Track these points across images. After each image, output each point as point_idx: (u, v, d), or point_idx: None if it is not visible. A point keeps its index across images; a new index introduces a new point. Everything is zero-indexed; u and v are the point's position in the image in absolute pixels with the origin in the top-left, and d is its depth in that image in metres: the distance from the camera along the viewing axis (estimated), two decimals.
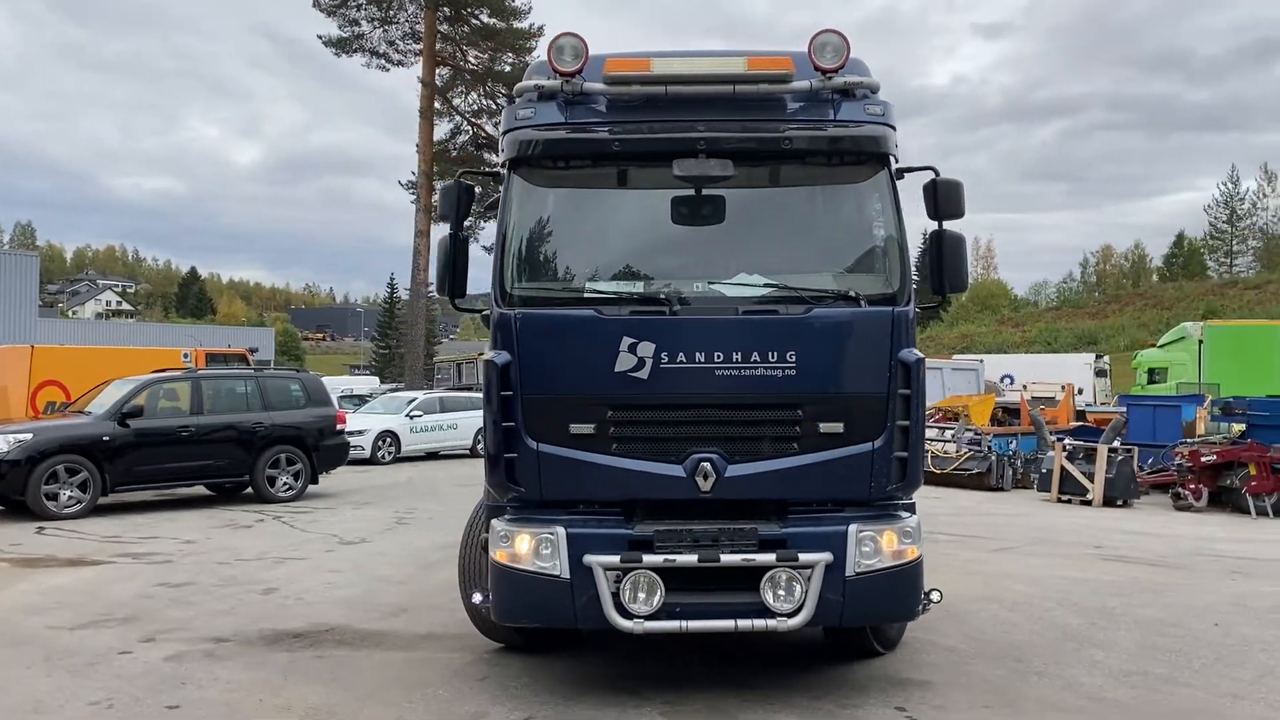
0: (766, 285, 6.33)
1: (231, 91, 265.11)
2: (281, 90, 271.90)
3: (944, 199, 6.49)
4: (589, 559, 6.03)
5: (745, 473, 6.12)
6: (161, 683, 6.78)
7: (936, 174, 6.55)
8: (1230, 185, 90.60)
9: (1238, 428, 18.95)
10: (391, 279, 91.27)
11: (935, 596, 6.44)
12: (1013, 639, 7.70)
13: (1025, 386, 32.37)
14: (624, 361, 6.12)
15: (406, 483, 20.14)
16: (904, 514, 6.35)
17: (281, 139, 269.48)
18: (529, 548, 6.17)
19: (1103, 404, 34.77)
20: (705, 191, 6.42)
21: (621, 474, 6.14)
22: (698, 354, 6.11)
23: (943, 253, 6.48)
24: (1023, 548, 12.43)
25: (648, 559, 5.99)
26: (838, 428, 6.13)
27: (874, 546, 6.15)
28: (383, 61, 33.51)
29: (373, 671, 7.03)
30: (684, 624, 6.01)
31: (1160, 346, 38.58)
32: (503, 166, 6.56)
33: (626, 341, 6.11)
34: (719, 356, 6.10)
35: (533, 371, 6.18)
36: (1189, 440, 18.51)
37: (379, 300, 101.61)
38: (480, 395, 6.61)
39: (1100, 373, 41.86)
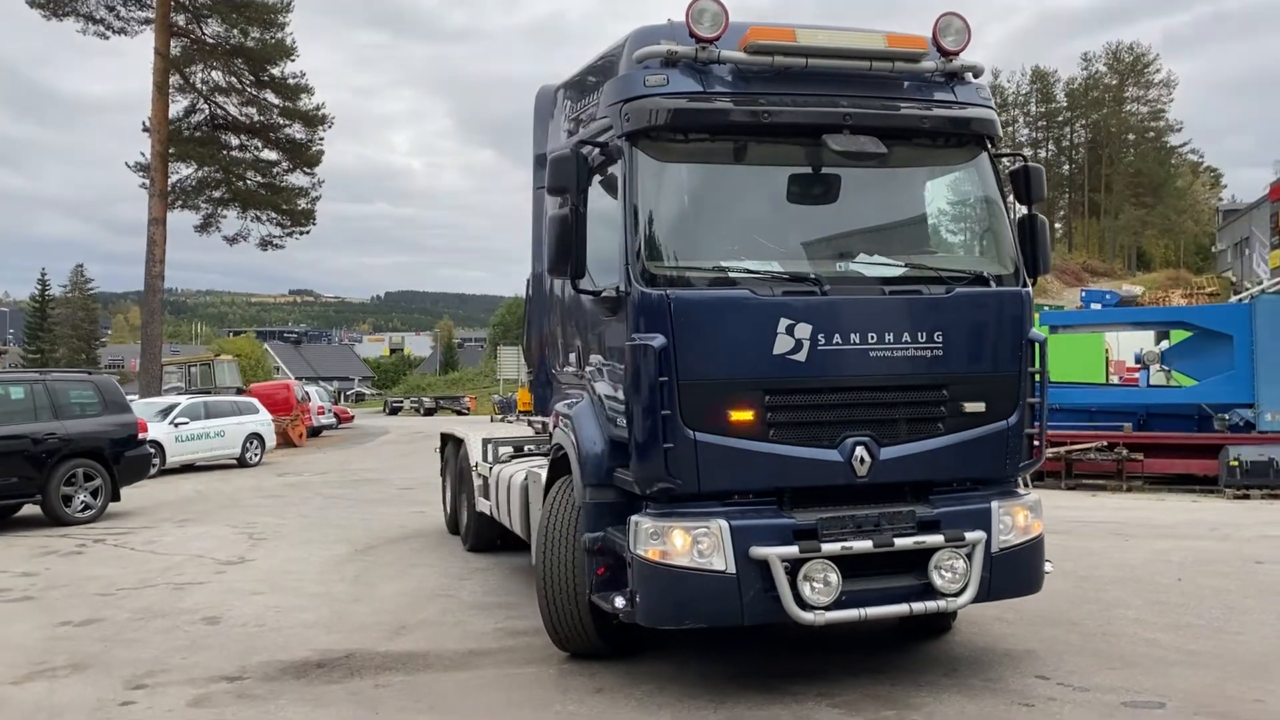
0: (905, 265, 6.31)
1: None
2: None
3: (1034, 184, 6.71)
4: (759, 551, 5.74)
5: (898, 455, 6.06)
6: None
7: (1025, 160, 6.77)
8: None
9: None
10: (43, 275, 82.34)
11: (1049, 568, 6.66)
12: (1041, 606, 8.09)
13: None
14: (782, 344, 5.88)
15: (200, 496, 18.18)
16: (1022, 491, 6.53)
17: None
18: (686, 543, 5.78)
19: None
20: (825, 170, 6.31)
21: (780, 461, 5.90)
22: (853, 335, 5.98)
23: (1035, 236, 6.69)
24: None
25: (826, 547, 5.78)
26: (980, 407, 6.21)
27: (1009, 523, 6.28)
28: (101, 28, 29.95)
29: (466, 695, 6.31)
30: (863, 611, 5.86)
31: None
32: (620, 136, 6.10)
33: (784, 323, 5.88)
34: (872, 337, 6.00)
35: (690, 355, 5.79)
36: None
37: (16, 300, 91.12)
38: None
39: None
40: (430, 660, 7.07)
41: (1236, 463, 17.22)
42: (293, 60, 31.65)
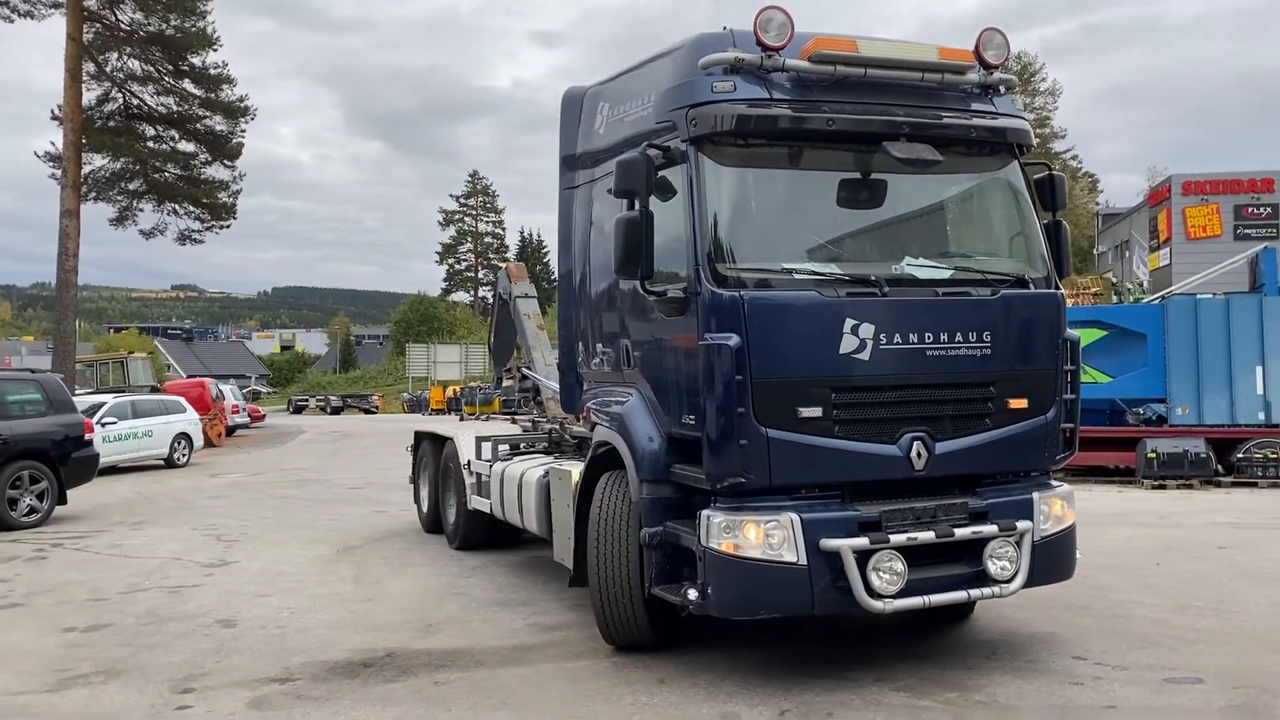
0: (953, 268, 6.61)
1: None
2: None
3: (1058, 191, 7.09)
4: (831, 543, 5.96)
5: (951, 449, 6.36)
6: None
7: (1050, 169, 7.14)
8: None
9: None
10: None
11: (1079, 556, 7.03)
12: (1046, 592, 8.49)
13: None
14: (847, 343, 6.12)
15: (141, 499, 17.64)
16: (1055, 483, 6.90)
17: None
18: (759, 536, 5.98)
19: None
20: (878, 176, 6.59)
21: (844, 456, 6.14)
22: (911, 335, 6.25)
23: (1060, 241, 7.06)
24: None
25: (894, 539, 6.04)
26: (1023, 403, 6.55)
27: (1048, 512, 6.65)
28: (5, 10, 28.59)
29: (532, 689, 6.39)
30: (926, 599, 6.13)
31: None
32: (686, 141, 6.27)
33: (849, 323, 6.12)
34: (929, 337, 6.29)
35: (763, 355, 5.99)
36: None
37: None
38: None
39: None
40: (478, 657, 7.12)
41: (1154, 455, 18.15)
42: (215, 50, 30.81)
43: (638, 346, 6.99)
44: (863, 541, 5.98)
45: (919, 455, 6.25)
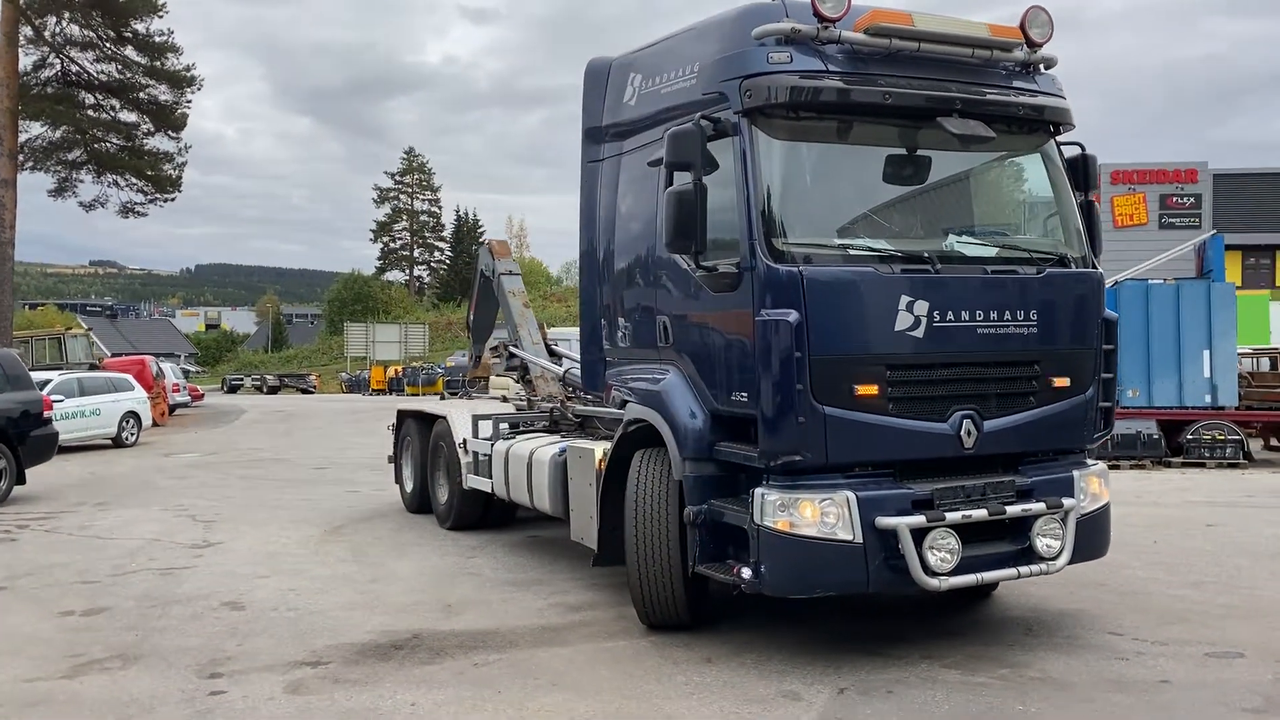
0: (999, 246, 6.60)
1: None
2: None
3: (1091, 171, 7.12)
4: (887, 521, 5.93)
5: (998, 428, 6.37)
6: (363, 715, 5.54)
7: (1083, 148, 7.17)
8: None
9: None
10: None
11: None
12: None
13: None
14: (903, 320, 6.09)
15: (96, 479, 17.05)
16: (1091, 461, 6.96)
17: None
18: (814, 514, 5.93)
19: None
20: (927, 151, 6.57)
21: (898, 434, 6.11)
22: (963, 313, 6.24)
23: (1092, 221, 7.10)
24: None
25: (949, 516, 6.03)
26: (1066, 381, 6.58)
27: (1087, 490, 6.70)
28: None
29: (578, 670, 6.28)
30: (980, 576, 6.14)
31: None
32: (739, 112, 6.16)
33: (905, 300, 6.08)
34: (979, 315, 6.28)
35: (821, 331, 5.92)
36: None
37: None
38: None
39: None
40: (510, 638, 6.97)
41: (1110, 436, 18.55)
42: (160, 16, 29.75)
43: (678, 322, 6.87)
44: (920, 520, 5.96)
45: (969, 433, 6.24)
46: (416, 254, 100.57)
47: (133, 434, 23.10)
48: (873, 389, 6.01)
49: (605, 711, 5.57)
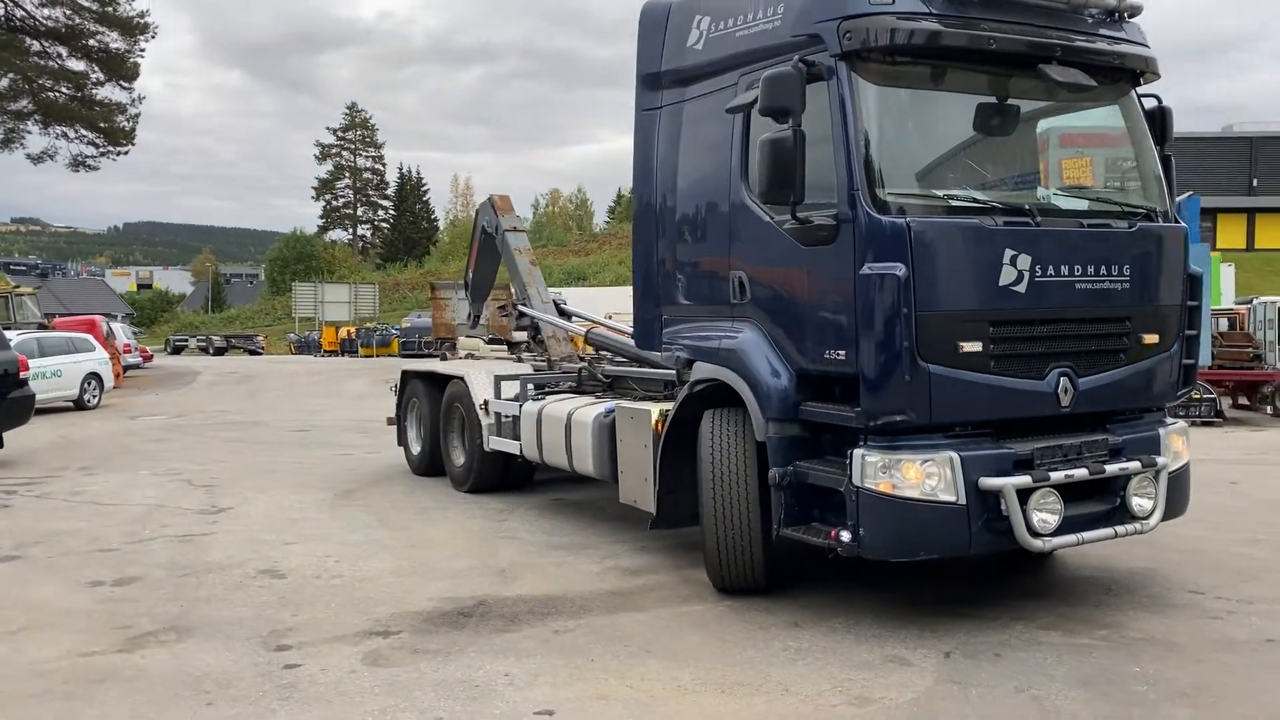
0: (1091, 199, 6.45)
1: None
2: None
3: (1168, 124, 6.98)
4: (993, 482, 5.78)
5: (1092, 385, 6.24)
6: (459, 688, 5.28)
7: (1160, 100, 7.02)
8: None
9: None
10: None
11: None
12: None
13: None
14: (1006, 275, 5.92)
15: (69, 443, 16.38)
16: (1171, 419, 6.88)
17: None
18: (917, 475, 5.76)
19: None
20: (1018, 100, 6.41)
21: (999, 392, 5.96)
22: (1062, 267, 6.09)
23: (1169, 175, 6.97)
24: None
25: (1053, 476, 5.89)
26: (1154, 338, 6.47)
27: (1171, 447, 6.61)
28: None
29: (667, 636, 6.07)
30: (1080, 536, 6.02)
31: None
32: (836, 55, 5.89)
33: (1008, 254, 5.90)
34: (1077, 270, 6.13)
35: (928, 286, 5.72)
36: None
37: None
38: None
39: None
40: (580, 603, 6.74)
41: None
42: None
43: (757, 278, 6.61)
44: (1025, 480, 5.81)
45: (1065, 391, 6.11)
46: (360, 212, 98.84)
47: (94, 396, 22.31)
48: (977, 346, 5.83)
49: (711, 680, 5.36)
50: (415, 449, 12.24)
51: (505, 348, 15.58)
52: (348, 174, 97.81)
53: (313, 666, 5.65)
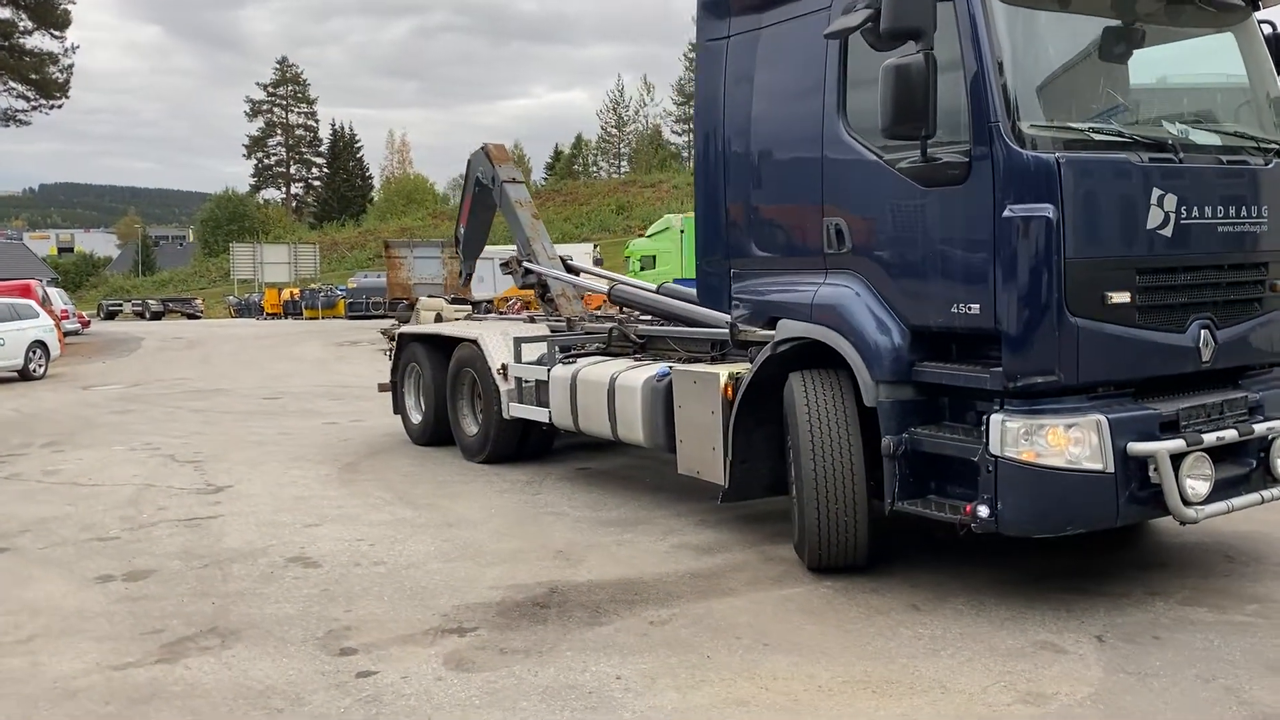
0: (1226, 134, 5.88)
1: None
2: None
3: None
4: (1143, 447, 5.23)
5: (1230, 338, 5.72)
6: (569, 695, 4.61)
7: (1275, 27, 6.48)
8: (617, 93, 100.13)
9: None
10: None
11: None
12: None
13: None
14: (1154, 216, 5.35)
15: (24, 417, 15.27)
16: None
17: None
18: (1062, 442, 5.18)
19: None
20: (1152, 25, 5.88)
21: (1144, 347, 5.41)
22: (1206, 208, 5.53)
23: None
24: None
25: (1205, 439, 5.36)
26: None
27: None
28: None
29: (781, 627, 5.45)
30: (1230, 503, 5.50)
31: (649, 236, 42.19)
32: None
33: (1155, 193, 5.32)
34: (1220, 211, 5.58)
35: (1079, 229, 5.12)
36: None
37: None
38: None
39: (597, 261, 44.61)
40: (664, 588, 6.09)
41: None
42: None
43: (863, 224, 5.95)
44: (1179, 444, 5.26)
45: (1206, 345, 5.57)
46: (293, 170, 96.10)
47: (41, 365, 21.01)
48: (1124, 297, 5.26)
49: (854, 677, 4.77)
50: (415, 418, 11.44)
51: (470, 308, 14.83)
52: (280, 131, 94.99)
53: (391, 674, 4.94)
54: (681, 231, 38.71)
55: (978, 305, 5.31)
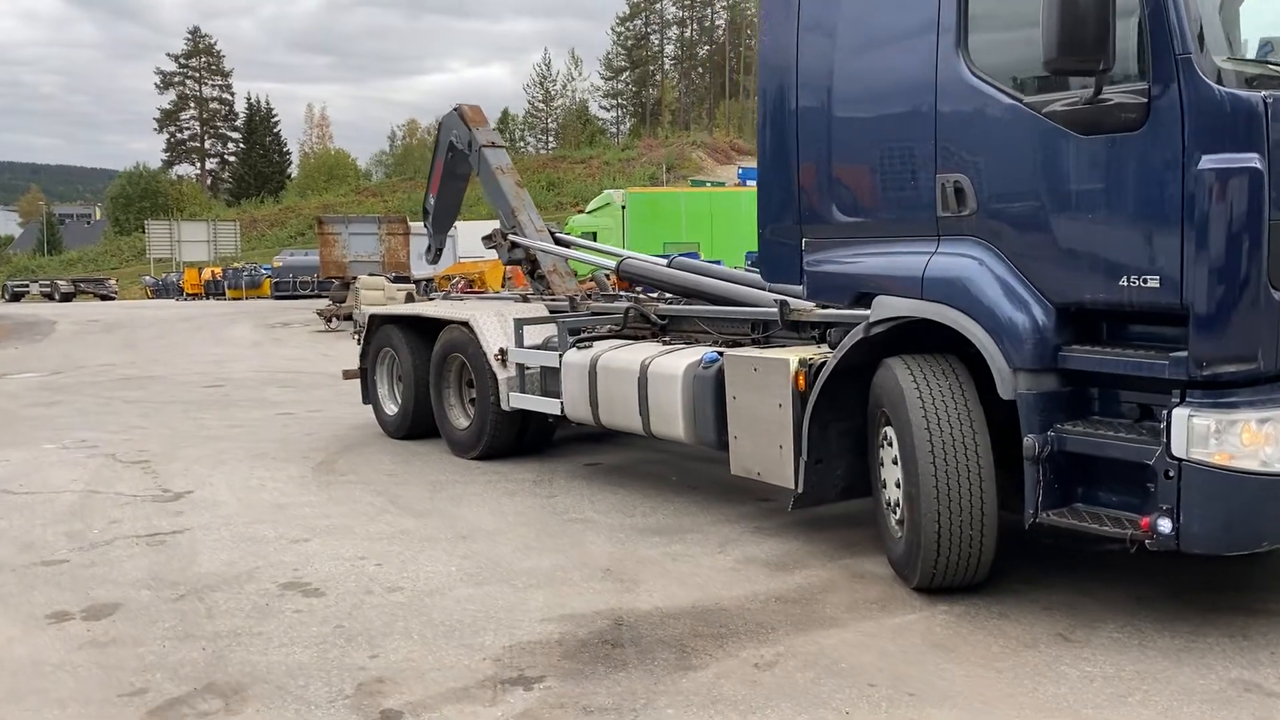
0: None
1: None
2: None
3: None
4: None
5: None
6: None
7: None
8: (544, 68, 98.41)
9: None
10: None
11: None
12: None
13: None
14: None
15: None
16: None
17: None
18: (1257, 441, 4.33)
19: None
20: None
21: None
22: None
23: None
24: None
25: None
26: None
27: None
28: None
29: (914, 669, 4.51)
30: None
31: (589, 212, 41.19)
32: None
33: None
34: None
35: None
36: None
37: None
38: None
39: None
40: (751, 618, 5.11)
41: None
42: None
43: (990, 180, 5.01)
44: None
45: None
46: (208, 145, 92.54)
47: None
48: None
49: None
50: (390, 409, 10.29)
51: (412, 286, 13.70)
52: (193, 104, 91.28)
53: None
54: (623, 207, 37.94)
55: (1156, 278, 4.41)
